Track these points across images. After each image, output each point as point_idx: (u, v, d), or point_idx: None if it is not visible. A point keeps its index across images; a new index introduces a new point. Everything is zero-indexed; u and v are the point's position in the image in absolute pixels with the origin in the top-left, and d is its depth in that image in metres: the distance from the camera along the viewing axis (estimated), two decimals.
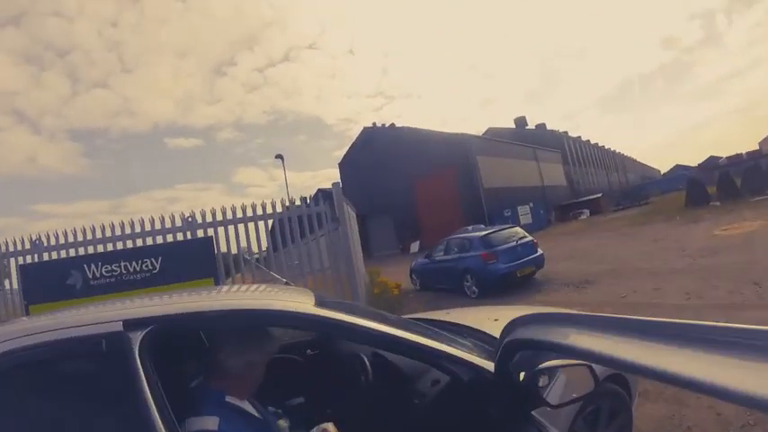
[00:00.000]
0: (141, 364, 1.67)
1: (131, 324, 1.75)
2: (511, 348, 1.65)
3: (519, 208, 32.69)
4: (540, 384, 1.67)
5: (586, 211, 36.91)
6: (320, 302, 2.11)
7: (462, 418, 1.99)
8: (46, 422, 1.69)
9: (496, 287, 11.04)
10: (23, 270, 6.84)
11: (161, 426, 1.58)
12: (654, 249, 13.25)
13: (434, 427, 2.17)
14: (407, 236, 37.80)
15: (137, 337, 1.72)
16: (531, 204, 33.84)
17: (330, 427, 2.01)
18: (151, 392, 1.63)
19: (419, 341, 1.98)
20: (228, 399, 1.91)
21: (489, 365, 1.91)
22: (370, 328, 1.98)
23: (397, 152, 39.25)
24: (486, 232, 12.29)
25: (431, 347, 1.97)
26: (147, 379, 1.65)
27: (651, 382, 4.59)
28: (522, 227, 13.60)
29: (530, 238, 12.24)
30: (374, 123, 45.43)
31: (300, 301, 2.12)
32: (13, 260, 7.36)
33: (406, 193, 38.92)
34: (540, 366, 1.67)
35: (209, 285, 6.11)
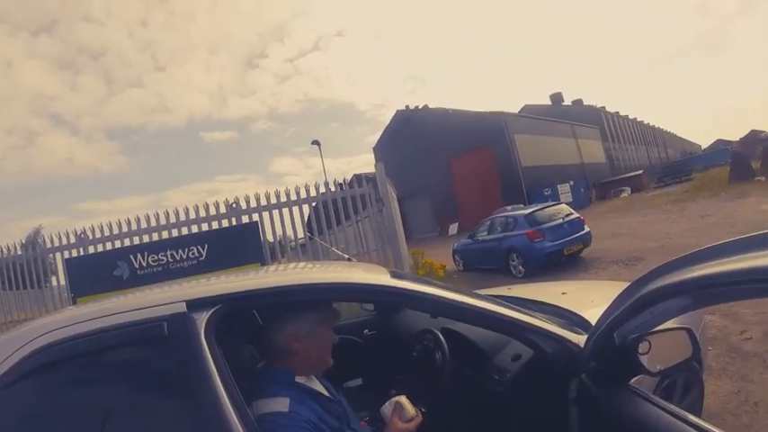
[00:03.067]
0: (207, 347, 1.55)
1: (195, 304, 1.63)
2: (636, 307, 1.51)
3: (559, 186, 31.98)
4: (641, 351, 1.57)
5: (627, 189, 36.05)
6: (395, 275, 2.01)
7: (549, 392, 1.89)
8: (103, 415, 1.55)
9: (543, 266, 10.83)
10: (69, 263, 6.86)
11: (231, 410, 1.47)
12: (702, 226, 12.82)
13: (518, 403, 2.08)
14: (445, 218, 37.60)
15: (201, 318, 1.60)
16: (572, 182, 33.06)
17: (403, 399, 1.93)
18: (219, 376, 1.51)
19: (504, 312, 1.90)
20: (298, 378, 1.80)
21: (573, 337, 1.87)
22: (452, 299, 1.88)
23: (432, 134, 38.82)
24: (532, 210, 12.08)
25: (516, 319, 1.89)
26: (214, 362, 1.53)
27: (713, 357, 4.44)
28: None
29: (576, 215, 11.94)
30: (407, 106, 45.06)
31: (377, 274, 2.02)
32: (59, 255, 7.41)
33: (443, 175, 38.67)
34: (639, 334, 1.59)
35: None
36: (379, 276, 1.98)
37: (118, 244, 7.24)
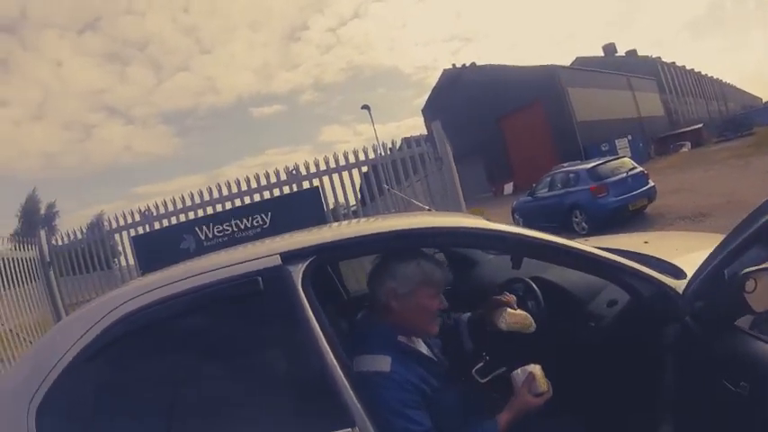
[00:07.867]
0: (306, 299, 1.49)
1: (290, 256, 1.57)
2: (750, 241, 1.46)
3: (617, 141, 31.10)
4: (747, 290, 1.45)
5: (687, 143, 34.79)
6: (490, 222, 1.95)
7: (647, 338, 1.82)
8: (201, 377, 1.57)
9: (607, 222, 10.39)
10: (136, 241, 7.07)
11: (336, 365, 1.42)
12: None
13: (619, 349, 1.97)
14: (499, 178, 37.03)
15: (297, 270, 1.53)
16: (629, 137, 32.14)
17: (537, 370, 1.78)
18: (322, 329, 1.46)
19: (604, 255, 1.81)
20: (400, 338, 1.71)
21: (670, 281, 1.78)
22: (554, 242, 1.82)
23: (481, 91, 37.90)
24: (594, 164, 11.73)
25: (615, 261, 1.80)
26: (314, 315, 1.48)
27: None
28: None
29: (640, 168, 11.52)
30: (453, 65, 44.31)
31: (476, 219, 1.94)
32: (125, 234, 7.53)
33: (495, 134, 38.00)
34: (747, 270, 1.46)
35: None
36: (479, 221, 1.91)
37: (182, 218, 7.36)
